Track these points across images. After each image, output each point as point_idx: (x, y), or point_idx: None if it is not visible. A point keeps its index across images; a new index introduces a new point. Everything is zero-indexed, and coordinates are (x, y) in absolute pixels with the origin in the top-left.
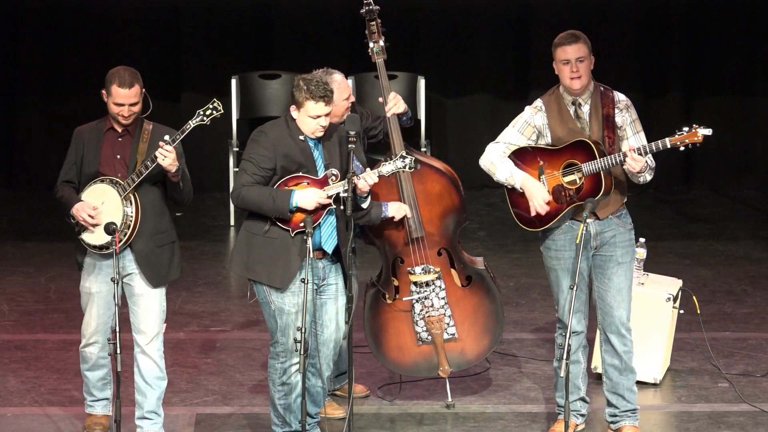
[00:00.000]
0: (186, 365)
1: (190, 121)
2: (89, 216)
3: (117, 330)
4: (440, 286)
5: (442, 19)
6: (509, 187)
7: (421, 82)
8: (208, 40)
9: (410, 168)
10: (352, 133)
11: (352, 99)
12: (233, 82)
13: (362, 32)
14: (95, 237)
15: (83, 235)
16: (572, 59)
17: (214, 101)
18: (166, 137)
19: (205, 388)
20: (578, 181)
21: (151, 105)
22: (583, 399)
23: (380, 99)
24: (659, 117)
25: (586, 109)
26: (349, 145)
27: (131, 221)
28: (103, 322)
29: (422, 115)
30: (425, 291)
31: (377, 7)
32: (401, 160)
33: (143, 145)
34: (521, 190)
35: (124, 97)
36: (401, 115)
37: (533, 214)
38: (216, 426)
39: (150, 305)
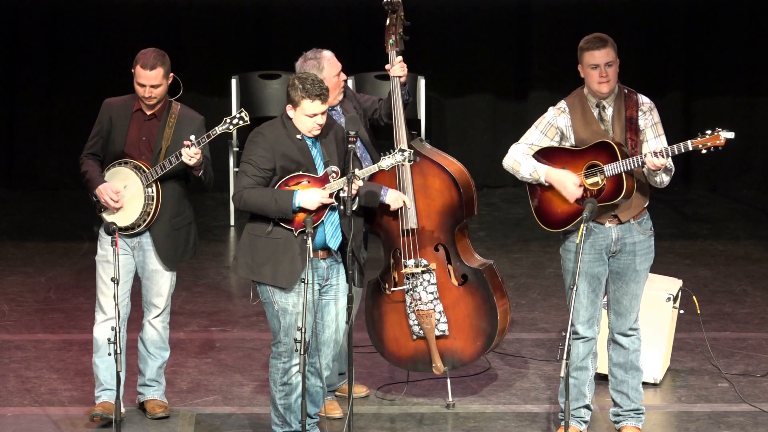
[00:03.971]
0: (186, 365)
1: (216, 128)
2: (112, 200)
3: (117, 330)
4: (429, 281)
5: (442, 19)
6: (534, 183)
7: (421, 82)
8: (208, 40)
9: (409, 161)
10: (352, 133)
11: (344, 77)
12: (233, 82)
13: (362, 32)
14: (117, 218)
15: (104, 213)
16: (601, 64)
17: (242, 111)
18: (192, 138)
19: (205, 388)
20: (600, 182)
21: (182, 88)
22: (587, 407)
23: (387, 66)
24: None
25: (609, 111)
26: (349, 145)
27: (151, 209)
28: (123, 293)
29: (422, 115)
30: (413, 283)
31: (399, 0)
32: (400, 153)
33: (169, 130)
34: (547, 184)
35: (145, 78)
36: (402, 86)
37: (572, 201)
38: (216, 426)
39: (163, 281)
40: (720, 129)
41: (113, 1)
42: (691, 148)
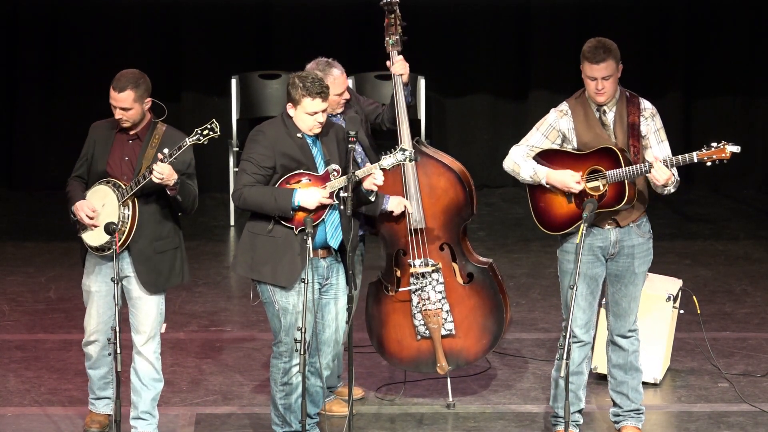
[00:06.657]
0: (186, 365)
1: (186, 139)
2: (87, 216)
3: (117, 330)
4: (437, 280)
5: (442, 19)
6: (535, 184)
7: (421, 82)
8: (208, 40)
9: (410, 160)
10: (352, 133)
11: (347, 96)
12: (233, 82)
13: (362, 32)
14: (93, 237)
15: (83, 234)
16: (598, 78)
17: (213, 122)
18: (165, 150)
19: (205, 388)
20: (602, 187)
21: (165, 111)
22: (581, 411)
23: (388, 62)
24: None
25: (611, 116)
26: (349, 145)
27: (126, 226)
28: (103, 321)
29: (422, 115)
30: (422, 283)
31: (397, 0)
32: (401, 152)
33: (151, 150)
34: (548, 186)
35: (114, 99)
36: (405, 86)
37: (577, 192)
38: (216, 426)
39: (148, 308)
40: (726, 142)
41: (113, 1)
42: (696, 160)
